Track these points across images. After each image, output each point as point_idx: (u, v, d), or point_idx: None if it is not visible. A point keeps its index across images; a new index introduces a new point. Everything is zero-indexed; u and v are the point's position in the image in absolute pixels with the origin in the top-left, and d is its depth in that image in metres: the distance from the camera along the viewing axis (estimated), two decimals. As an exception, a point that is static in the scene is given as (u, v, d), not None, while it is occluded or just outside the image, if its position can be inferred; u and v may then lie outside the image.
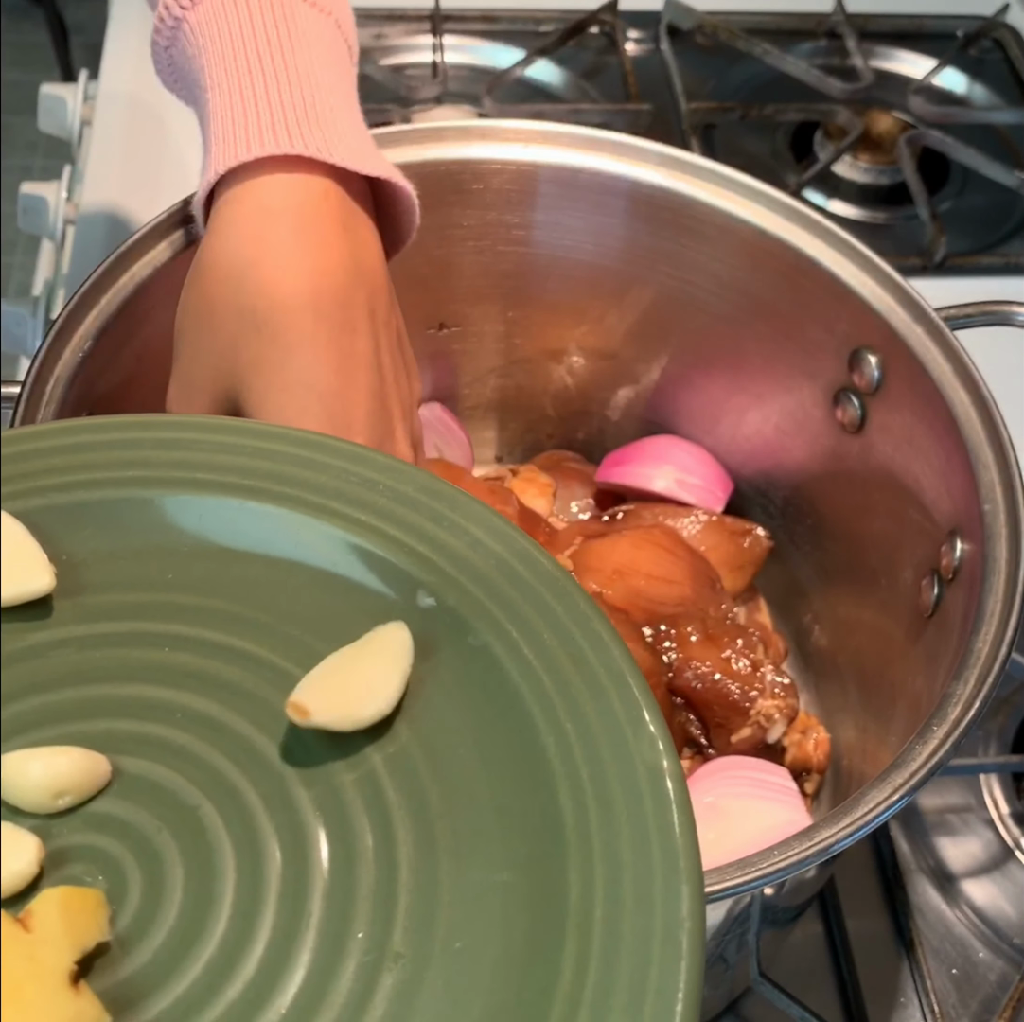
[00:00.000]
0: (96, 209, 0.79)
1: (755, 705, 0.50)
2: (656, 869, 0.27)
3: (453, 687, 0.31)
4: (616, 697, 0.30)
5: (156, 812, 0.28)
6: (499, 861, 0.28)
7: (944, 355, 0.49)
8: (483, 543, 0.32)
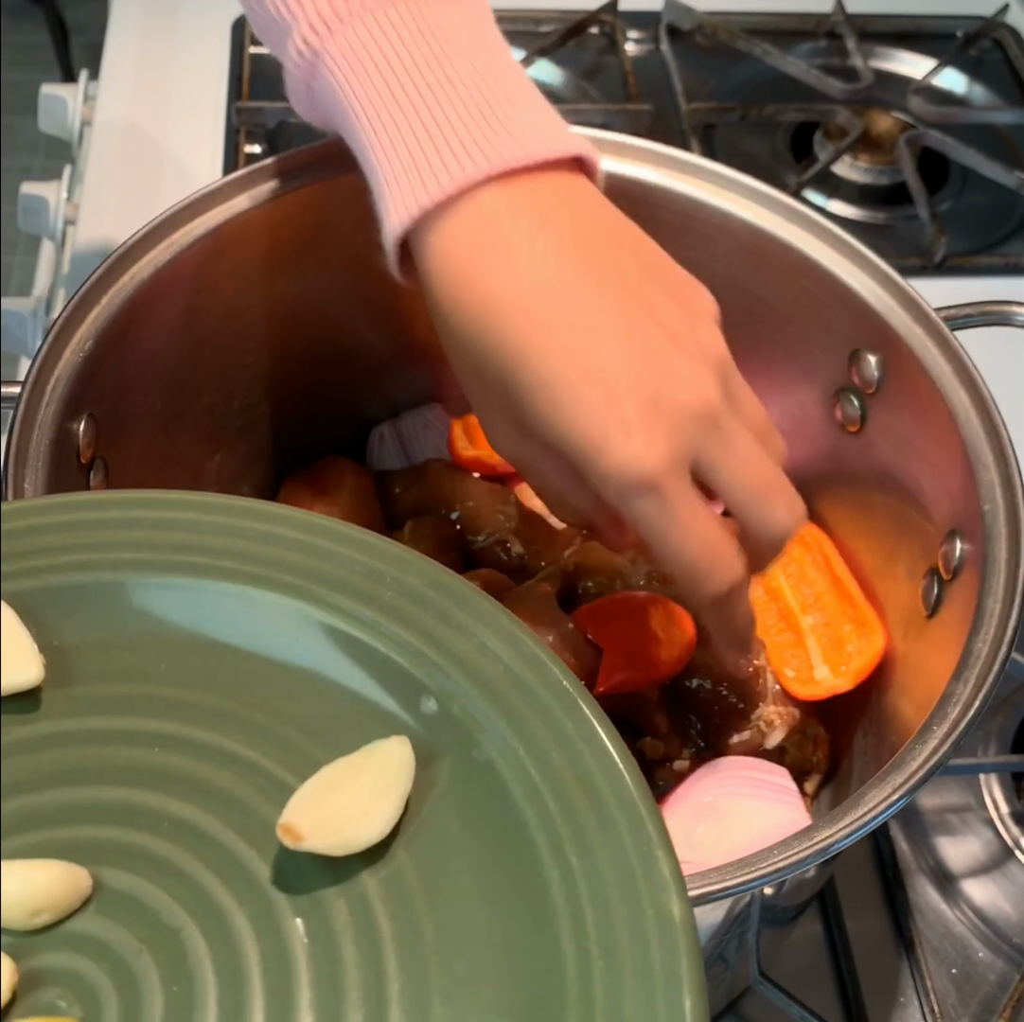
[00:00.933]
0: (96, 209, 0.79)
1: (756, 710, 0.50)
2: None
3: (453, 806, 0.29)
4: (627, 829, 0.27)
5: (137, 932, 0.27)
6: (495, 1006, 0.26)
7: (944, 355, 0.49)
8: (491, 646, 0.30)
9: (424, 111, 0.40)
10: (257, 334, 0.55)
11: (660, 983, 0.25)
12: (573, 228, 0.40)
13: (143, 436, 0.51)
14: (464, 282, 0.40)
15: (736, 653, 0.45)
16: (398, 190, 0.40)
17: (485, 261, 0.39)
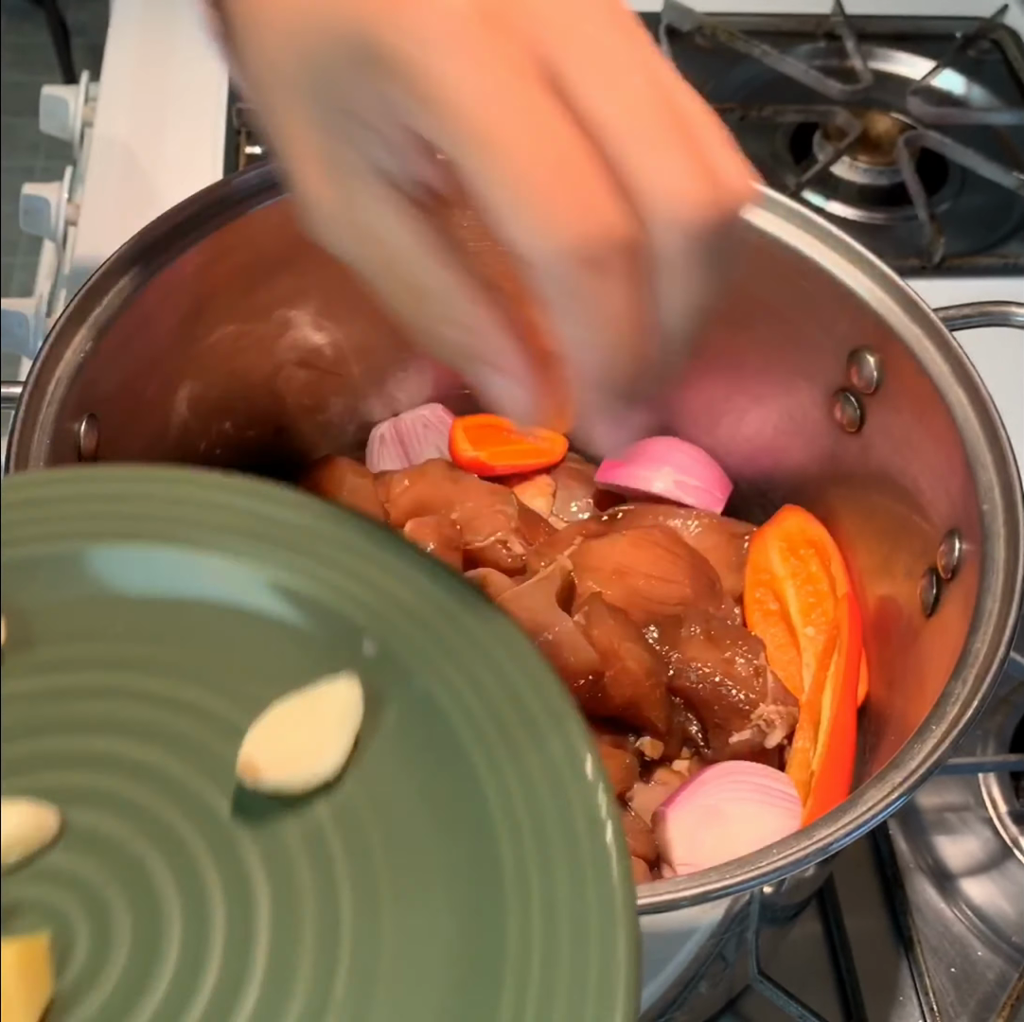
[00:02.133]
0: (97, 210, 0.79)
1: (756, 709, 0.50)
2: (592, 916, 0.28)
3: (397, 734, 0.31)
4: (556, 740, 0.30)
5: (104, 864, 0.29)
6: (441, 907, 0.29)
7: (943, 355, 0.49)
8: (420, 583, 0.33)
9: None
10: (256, 334, 0.55)
11: (589, 871, 0.28)
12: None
13: (143, 436, 0.51)
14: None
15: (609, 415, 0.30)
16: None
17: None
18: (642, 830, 0.49)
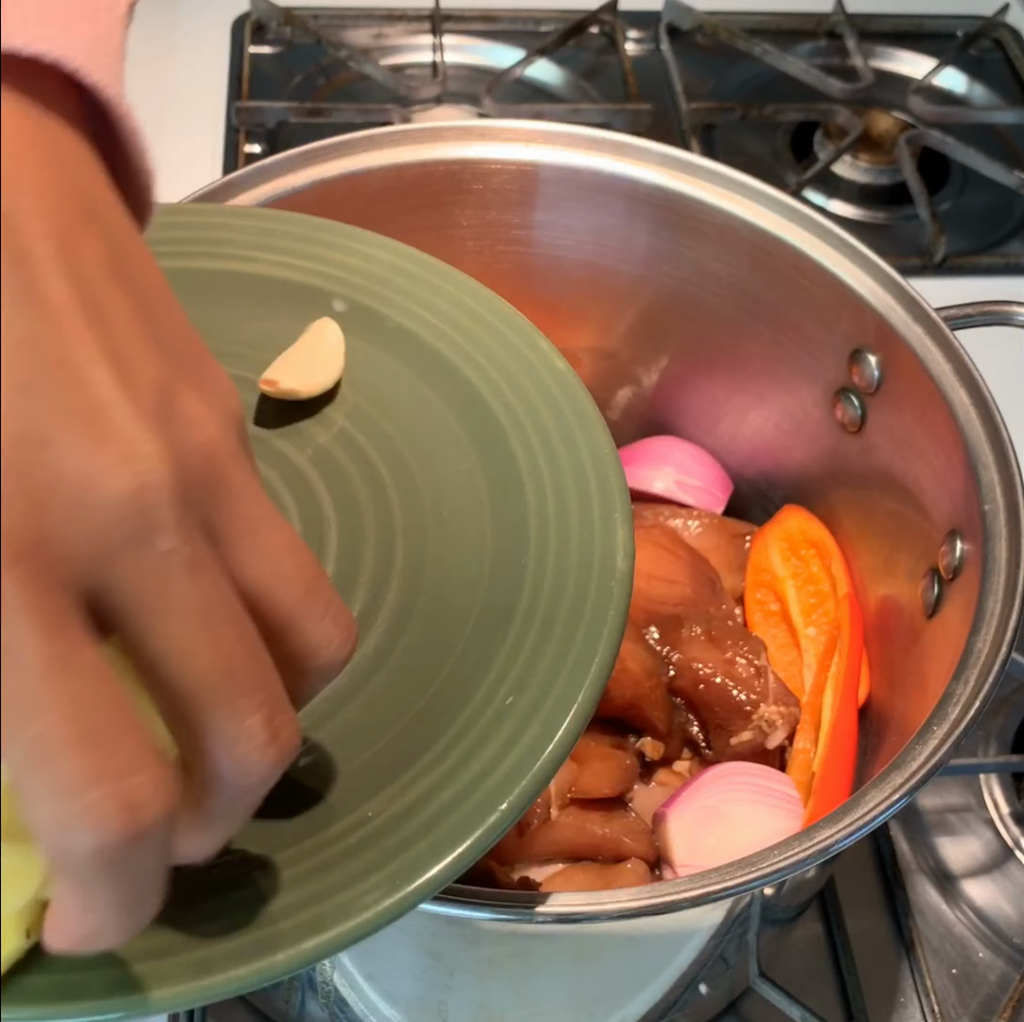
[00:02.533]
0: (96, 209, 0.79)
1: (757, 709, 0.50)
2: (573, 425, 0.37)
3: (382, 359, 0.39)
4: (511, 332, 0.39)
5: (279, 474, 0.38)
6: (455, 455, 0.37)
7: (944, 355, 0.49)
8: (375, 256, 0.42)
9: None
10: (257, 334, 0.55)
11: (563, 401, 0.38)
12: (41, 163, 0.25)
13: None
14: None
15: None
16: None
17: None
18: (643, 831, 0.48)
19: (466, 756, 0.30)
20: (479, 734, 0.31)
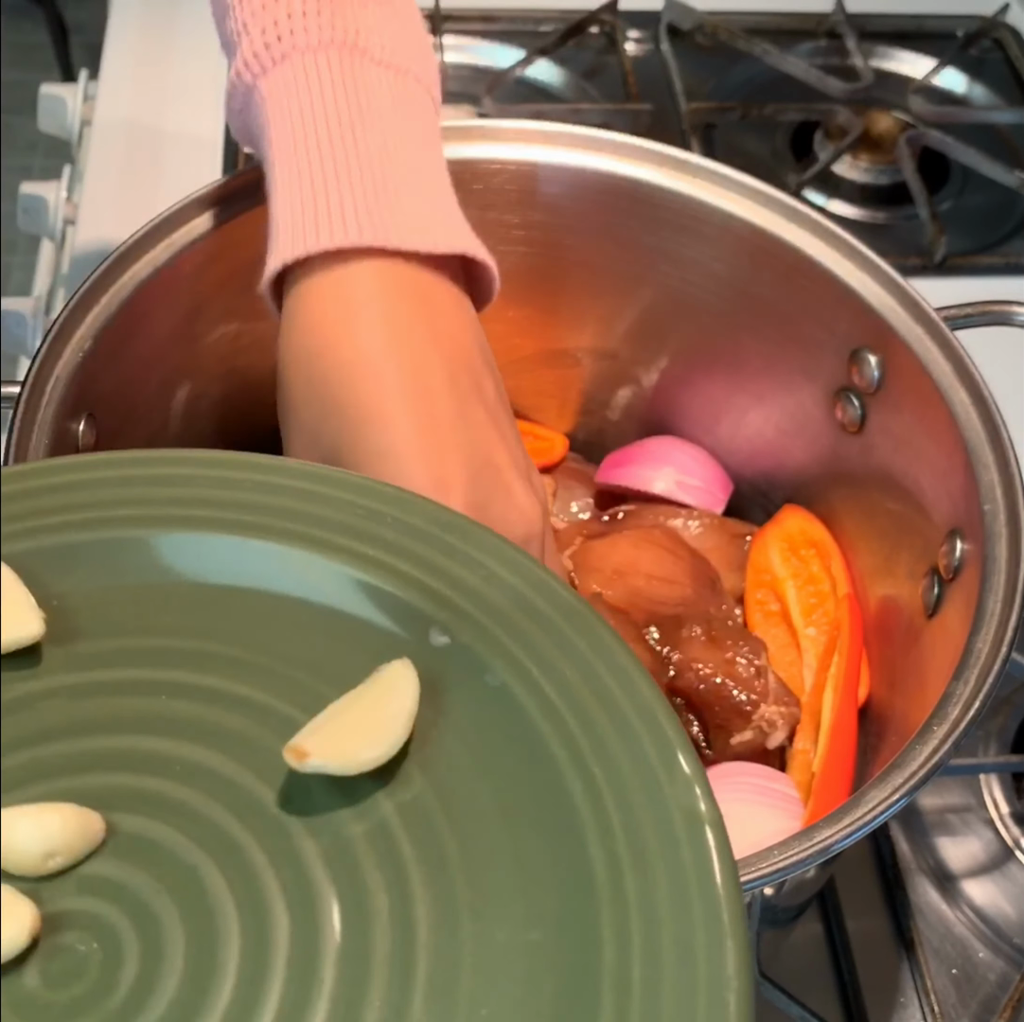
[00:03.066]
0: (96, 209, 0.79)
1: (758, 709, 0.50)
2: (697, 923, 0.25)
3: (470, 730, 0.29)
4: (647, 737, 0.28)
5: (154, 873, 0.27)
6: (525, 919, 0.26)
7: (944, 355, 0.48)
8: (498, 575, 0.31)
9: (328, 169, 0.41)
10: (256, 333, 0.55)
11: (692, 878, 0.26)
12: (439, 331, 0.41)
13: (142, 436, 0.51)
14: (324, 334, 0.40)
15: None
16: (285, 233, 0.41)
17: (353, 321, 0.40)
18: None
19: None
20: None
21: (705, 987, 0.24)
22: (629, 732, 0.28)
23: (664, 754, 0.28)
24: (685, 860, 0.26)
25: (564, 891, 0.26)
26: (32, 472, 0.33)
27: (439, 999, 0.25)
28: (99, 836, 0.27)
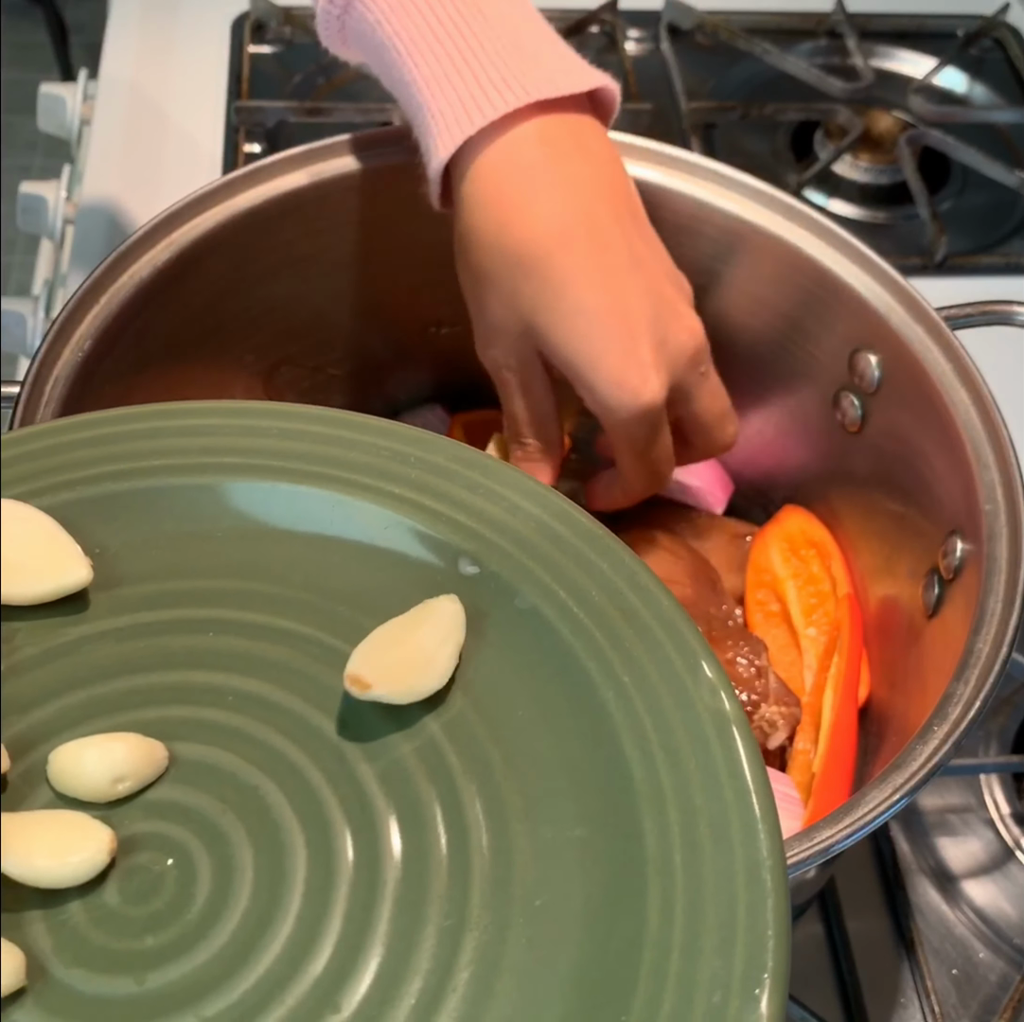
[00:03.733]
0: (95, 208, 0.79)
1: (758, 710, 0.50)
2: (731, 811, 0.27)
3: (504, 651, 0.30)
4: (671, 647, 0.29)
5: (218, 794, 0.28)
6: (570, 817, 0.28)
7: (944, 355, 0.48)
8: (520, 507, 0.32)
9: (463, 45, 0.44)
10: (256, 334, 0.55)
11: (723, 771, 0.27)
12: (598, 173, 0.46)
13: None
14: (507, 206, 0.45)
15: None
16: (443, 121, 0.44)
17: (530, 188, 0.45)
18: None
19: None
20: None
21: (743, 868, 0.26)
22: (654, 643, 0.30)
23: (688, 661, 0.29)
24: (715, 755, 0.28)
25: (604, 790, 0.28)
26: (63, 428, 0.34)
27: (495, 893, 0.26)
28: (163, 763, 0.29)
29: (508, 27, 0.45)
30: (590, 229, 0.45)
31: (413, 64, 0.45)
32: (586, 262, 0.45)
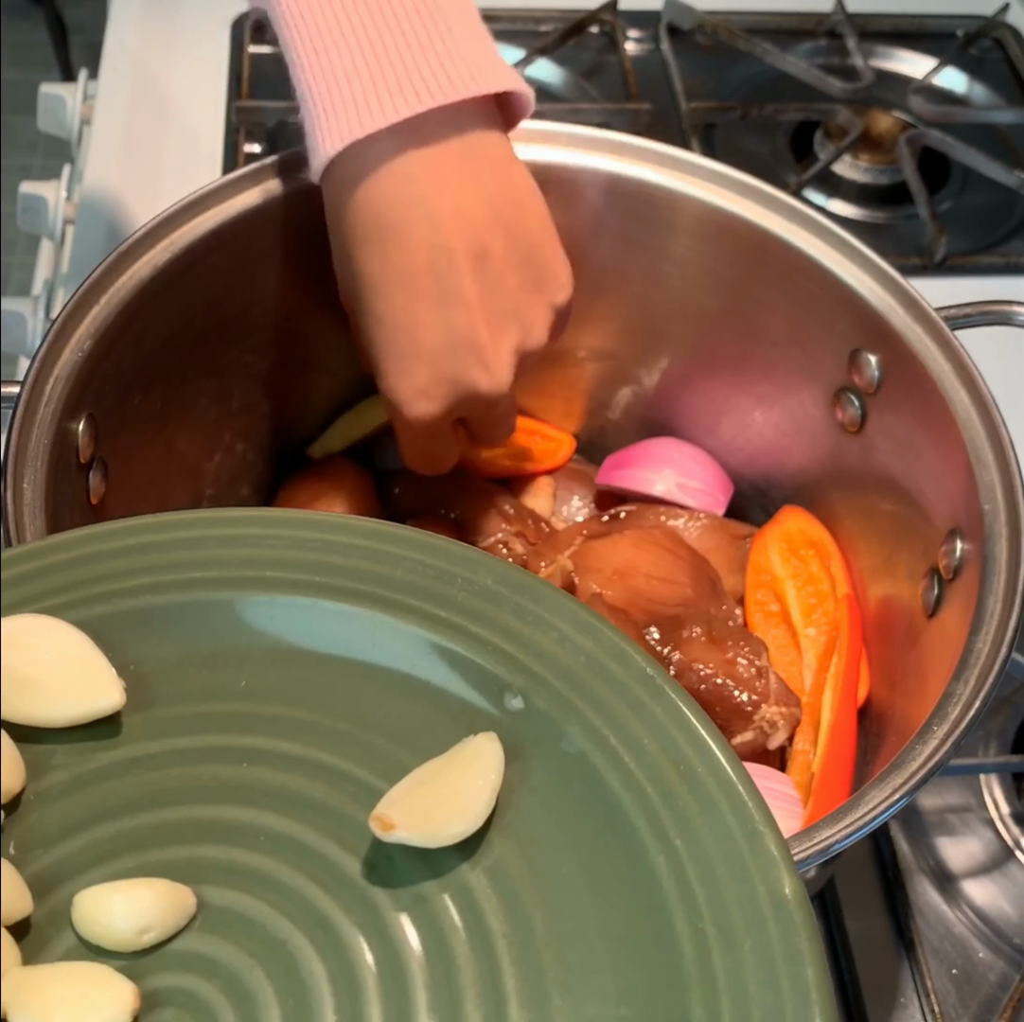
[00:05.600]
0: (95, 208, 0.79)
1: (759, 710, 0.50)
2: (786, 1003, 0.25)
3: (548, 797, 0.28)
4: (728, 809, 0.27)
5: (246, 947, 0.27)
6: (615, 994, 0.26)
7: (944, 355, 0.48)
8: (571, 638, 0.30)
9: (364, 40, 0.43)
10: (257, 334, 0.55)
11: (780, 958, 0.25)
12: (465, 189, 0.45)
13: (142, 436, 0.51)
14: (361, 205, 0.45)
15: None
16: (333, 119, 0.44)
17: (385, 194, 0.44)
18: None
19: None
20: None
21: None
22: (711, 805, 0.27)
23: (747, 829, 0.27)
24: (772, 939, 0.26)
25: (652, 966, 0.26)
26: (102, 535, 0.33)
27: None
28: (191, 910, 0.27)
29: (417, 19, 0.43)
30: (432, 256, 0.44)
31: (308, 53, 0.44)
32: (403, 274, 0.45)
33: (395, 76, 0.42)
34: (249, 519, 0.33)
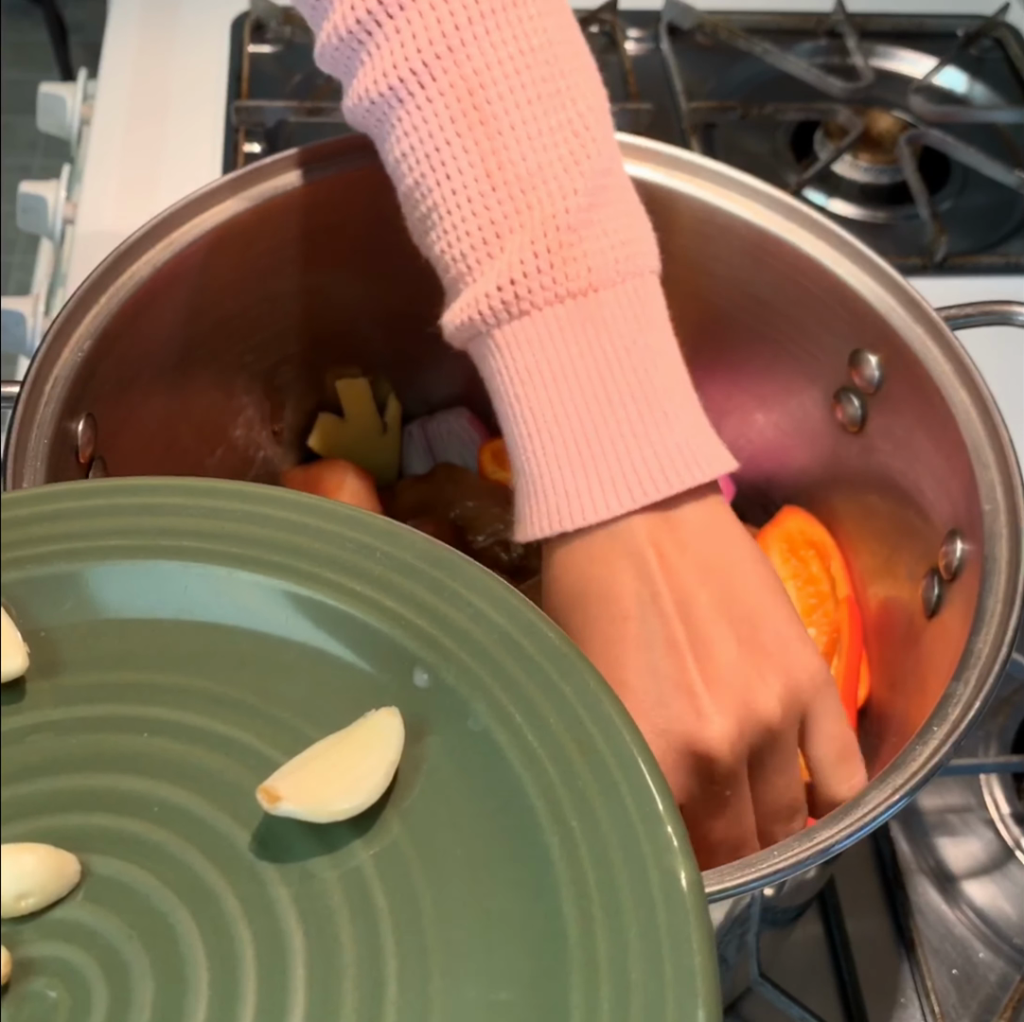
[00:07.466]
0: (95, 208, 0.79)
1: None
2: (669, 991, 0.24)
3: (450, 777, 0.28)
4: (628, 791, 0.27)
5: (127, 918, 0.26)
6: (496, 978, 0.25)
7: (944, 355, 0.48)
8: (485, 614, 0.30)
9: (579, 431, 0.41)
10: (257, 333, 0.55)
11: (667, 945, 0.25)
12: (677, 559, 0.41)
13: (142, 435, 0.51)
14: (580, 585, 0.42)
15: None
16: (544, 504, 0.42)
17: (587, 574, 0.42)
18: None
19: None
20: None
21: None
22: (611, 786, 0.27)
23: (645, 810, 0.27)
24: (660, 925, 0.25)
25: (536, 951, 0.26)
26: (26, 499, 0.33)
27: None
28: (74, 878, 0.27)
29: (633, 409, 0.41)
30: (650, 604, 0.41)
31: (527, 435, 0.42)
32: (593, 628, 0.41)
33: (609, 473, 0.41)
34: (169, 488, 0.33)
